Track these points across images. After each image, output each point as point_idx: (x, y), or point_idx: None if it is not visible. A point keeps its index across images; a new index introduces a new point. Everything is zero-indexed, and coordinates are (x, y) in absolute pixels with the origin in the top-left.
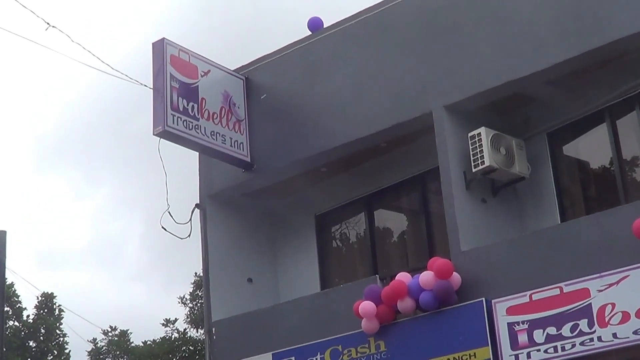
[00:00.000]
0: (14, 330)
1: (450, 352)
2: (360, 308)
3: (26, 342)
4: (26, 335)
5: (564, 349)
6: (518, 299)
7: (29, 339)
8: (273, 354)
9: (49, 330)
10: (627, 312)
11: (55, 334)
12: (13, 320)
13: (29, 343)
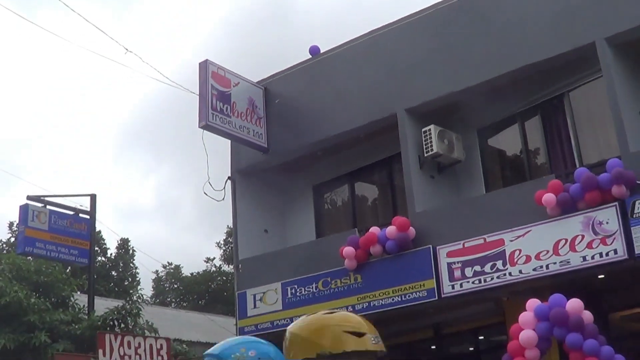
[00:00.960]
0: (101, 263)
1: (407, 282)
2: (344, 251)
3: (110, 272)
4: (109, 268)
5: (486, 280)
6: (455, 246)
7: (112, 270)
8: (282, 283)
9: (125, 264)
10: (529, 255)
11: (129, 267)
12: (100, 257)
13: (112, 273)
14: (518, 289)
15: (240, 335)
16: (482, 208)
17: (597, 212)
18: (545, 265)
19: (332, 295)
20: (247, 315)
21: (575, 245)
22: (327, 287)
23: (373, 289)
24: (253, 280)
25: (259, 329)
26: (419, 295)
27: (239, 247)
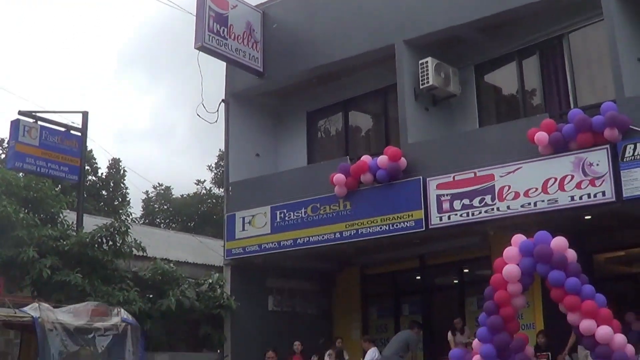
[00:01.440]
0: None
1: (395, 212)
2: (334, 178)
3: (100, 192)
4: (100, 187)
5: (474, 214)
6: (445, 179)
7: (102, 190)
8: (271, 207)
9: (116, 184)
10: (518, 192)
11: (120, 187)
12: (91, 176)
13: (102, 192)
14: (505, 225)
15: (228, 256)
16: (474, 142)
17: (588, 153)
18: (534, 203)
19: (320, 221)
20: (235, 237)
21: (564, 185)
22: (316, 213)
23: (361, 216)
24: (242, 203)
25: (247, 251)
26: (407, 225)
27: (230, 170)
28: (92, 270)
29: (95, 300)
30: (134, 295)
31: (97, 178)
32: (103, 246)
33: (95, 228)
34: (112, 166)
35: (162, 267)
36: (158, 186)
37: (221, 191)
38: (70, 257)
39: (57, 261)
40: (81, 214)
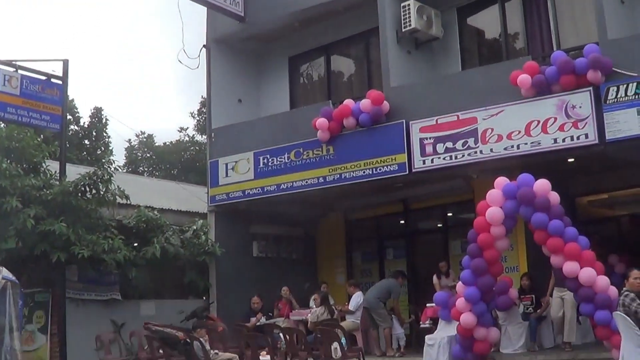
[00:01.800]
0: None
1: (378, 156)
2: (317, 123)
3: (82, 141)
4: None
5: (457, 157)
6: (428, 122)
7: (84, 139)
8: (254, 153)
9: (98, 133)
10: (501, 135)
11: (103, 135)
12: (73, 125)
13: (84, 142)
14: (488, 168)
15: (211, 203)
16: (457, 85)
17: (571, 95)
18: (516, 145)
19: (303, 166)
20: (219, 184)
21: (547, 127)
22: (299, 158)
23: (345, 161)
24: (225, 149)
25: (230, 197)
26: (390, 169)
27: (212, 116)
28: (76, 219)
29: (80, 249)
30: (119, 243)
31: (80, 127)
32: (86, 195)
33: (78, 177)
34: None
35: (146, 214)
36: (140, 134)
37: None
38: (54, 206)
39: (41, 211)
40: (64, 163)
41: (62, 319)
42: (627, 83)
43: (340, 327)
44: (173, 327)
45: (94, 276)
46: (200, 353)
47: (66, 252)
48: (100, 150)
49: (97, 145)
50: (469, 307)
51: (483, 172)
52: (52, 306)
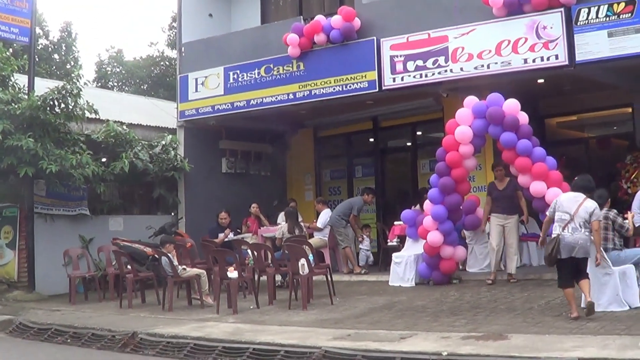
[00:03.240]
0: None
1: (349, 73)
2: (287, 39)
3: (52, 55)
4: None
5: (427, 75)
6: (399, 40)
7: (54, 54)
8: (225, 68)
9: (68, 47)
10: (472, 54)
11: (72, 50)
12: (42, 39)
13: (54, 56)
14: (458, 86)
15: (181, 118)
16: (428, 3)
17: (542, 16)
18: (487, 65)
19: (273, 82)
20: (188, 99)
21: (517, 47)
22: (269, 74)
23: (315, 77)
24: (195, 64)
25: (200, 112)
26: (360, 86)
27: (182, 30)
28: (45, 133)
29: (49, 164)
30: (87, 158)
31: (49, 42)
32: (55, 109)
33: (47, 91)
34: (64, 29)
35: (115, 129)
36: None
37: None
38: (22, 120)
39: (9, 125)
40: (32, 77)
41: (30, 234)
42: (599, 5)
43: (308, 243)
44: (141, 242)
45: (62, 191)
46: (168, 268)
47: (34, 167)
48: (69, 65)
49: (66, 59)
50: (435, 226)
51: (453, 91)
52: (20, 221)
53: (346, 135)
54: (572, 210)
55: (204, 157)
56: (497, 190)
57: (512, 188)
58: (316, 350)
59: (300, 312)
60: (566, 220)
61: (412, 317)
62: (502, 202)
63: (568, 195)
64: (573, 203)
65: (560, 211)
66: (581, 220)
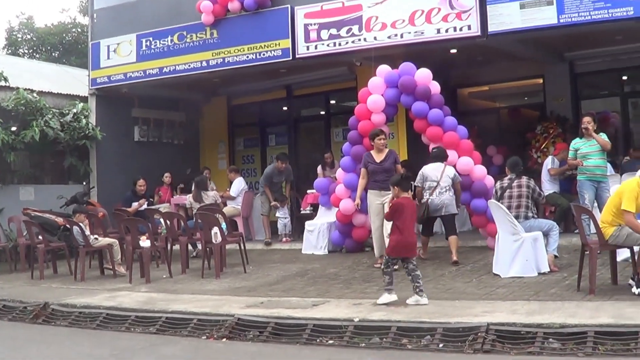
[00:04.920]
0: None
1: (262, 41)
2: (201, 6)
3: None
4: None
5: (340, 44)
6: (313, 8)
7: None
8: (137, 35)
9: None
10: (385, 23)
11: None
12: None
13: None
14: (371, 55)
15: (92, 86)
16: None
17: None
18: (400, 34)
19: (187, 50)
20: (100, 66)
21: (430, 17)
22: (182, 41)
23: (228, 45)
24: (108, 31)
25: (112, 80)
26: (274, 54)
27: None
28: None
29: None
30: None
31: None
32: None
33: None
34: None
35: (25, 97)
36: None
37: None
38: None
39: None
40: None
41: None
42: None
43: (220, 212)
44: (52, 212)
45: None
46: (80, 238)
47: None
48: None
49: None
50: (348, 194)
51: (367, 60)
52: None
53: (260, 103)
54: (437, 177)
55: (116, 125)
56: (375, 163)
57: (393, 160)
58: (229, 318)
59: (214, 280)
60: (433, 186)
61: (325, 285)
62: (381, 176)
63: (430, 166)
64: (436, 172)
65: (428, 180)
66: (445, 184)
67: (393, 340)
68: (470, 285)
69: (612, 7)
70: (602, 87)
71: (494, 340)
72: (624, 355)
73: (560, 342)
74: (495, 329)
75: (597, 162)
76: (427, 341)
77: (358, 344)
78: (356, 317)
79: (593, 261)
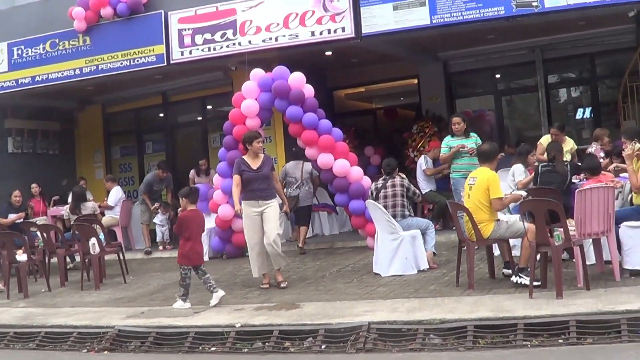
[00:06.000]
0: None
1: (137, 47)
2: (73, 12)
3: None
4: None
5: (215, 49)
6: (187, 13)
7: None
8: (8, 43)
9: None
10: (260, 27)
11: None
12: None
13: None
14: (247, 59)
15: None
16: None
17: None
18: (275, 38)
19: (59, 58)
20: None
21: (305, 20)
22: (54, 49)
23: (102, 52)
24: None
25: None
26: (148, 60)
27: None
28: None
29: None
30: None
31: None
32: None
33: None
34: None
35: None
36: None
37: None
38: None
39: None
40: None
41: None
42: None
43: (98, 222)
44: None
45: None
46: None
47: None
48: None
49: None
50: (226, 200)
51: (242, 64)
52: None
53: (135, 110)
54: (297, 174)
55: None
56: (251, 170)
57: (270, 167)
58: (109, 329)
59: (93, 292)
60: (292, 181)
61: (206, 292)
62: (258, 184)
63: (291, 163)
64: (296, 169)
65: (289, 176)
66: (304, 179)
67: (275, 344)
68: (351, 286)
69: (484, 7)
70: (476, 86)
71: (375, 339)
72: (503, 347)
73: (441, 338)
74: (376, 328)
75: (471, 159)
76: (310, 343)
77: (241, 350)
78: (238, 323)
79: (470, 257)
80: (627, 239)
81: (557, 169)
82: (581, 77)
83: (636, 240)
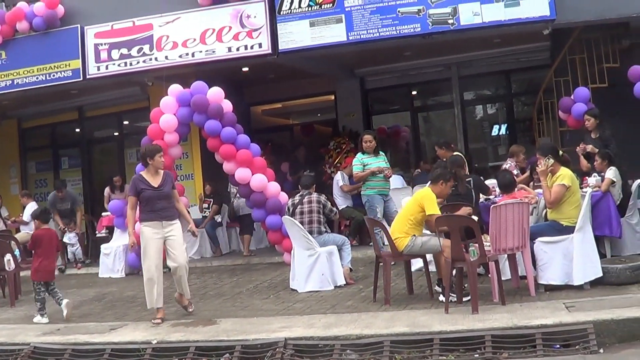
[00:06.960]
0: None
1: (53, 61)
2: None
3: None
4: None
5: (132, 64)
6: (103, 27)
7: None
8: None
9: None
10: (177, 42)
11: None
12: None
13: None
14: (164, 75)
15: None
16: None
17: (246, 5)
18: (191, 53)
19: None
20: None
21: (222, 36)
22: None
23: (17, 66)
24: None
25: None
26: (64, 74)
27: None
28: None
29: None
30: None
31: None
32: None
33: None
34: None
35: None
36: None
37: None
38: None
39: None
40: None
41: None
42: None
43: (13, 238)
44: None
45: None
46: None
47: None
48: None
49: None
50: None
51: (159, 80)
52: None
53: (51, 125)
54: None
55: None
56: (152, 188)
57: (171, 184)
58: (25, 346)
59: (9, 309)
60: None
61: (123, 308)
62: (160, 204)
63: None
64: None
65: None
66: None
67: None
68: (268, 302)
69: (400, 24)
70: (393, 102)
71: (292, 354)
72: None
73: (357, 353)
74: (293, 344)
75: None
76: (226, 359)
77: None
78: (154, 339)
79: (387, 272)
80: (542, 254)
81: (459, 191)
82: (497, 94)
83: (551, 255)
